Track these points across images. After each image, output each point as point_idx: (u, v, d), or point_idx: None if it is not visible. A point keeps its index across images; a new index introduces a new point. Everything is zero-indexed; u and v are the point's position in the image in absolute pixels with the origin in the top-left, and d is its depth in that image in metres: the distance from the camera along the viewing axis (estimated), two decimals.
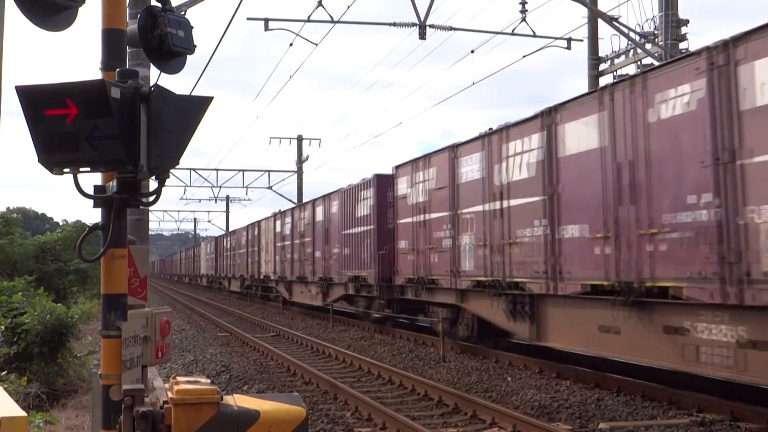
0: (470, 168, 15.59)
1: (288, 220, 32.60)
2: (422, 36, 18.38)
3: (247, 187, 48.81)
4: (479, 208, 15.09)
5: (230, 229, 57.34)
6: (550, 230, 12.51)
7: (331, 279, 25.64)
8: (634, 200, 10.54)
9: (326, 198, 26.86)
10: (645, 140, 10.34)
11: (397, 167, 19.68)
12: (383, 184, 20.93)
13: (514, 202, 13.76)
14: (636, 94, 10.54)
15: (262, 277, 37.75)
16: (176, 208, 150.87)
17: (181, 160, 4.05)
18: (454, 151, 16.39)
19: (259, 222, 39.29)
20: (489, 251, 14.49)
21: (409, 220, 18.75)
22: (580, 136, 11.84)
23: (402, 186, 19.30)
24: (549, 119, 12.64)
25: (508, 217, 13.92)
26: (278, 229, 34.19)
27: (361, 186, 22.68)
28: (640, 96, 10.46)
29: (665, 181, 9.96)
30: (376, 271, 20.72)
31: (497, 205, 14.33)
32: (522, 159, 13.49)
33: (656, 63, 16.63)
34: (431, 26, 18.63)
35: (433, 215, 17.30)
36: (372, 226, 21.38)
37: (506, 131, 14.17)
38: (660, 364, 10.80)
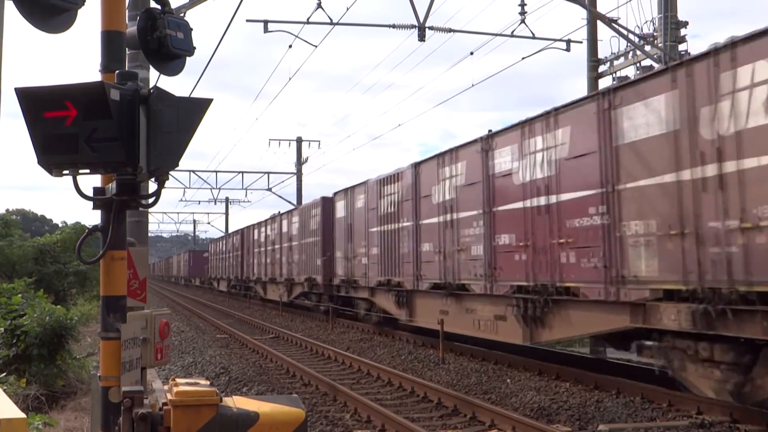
0: None
1: (391, 189, 19.50)
2: (422, 38, 18.35)
3: (246, 188, 48.83)
4: None
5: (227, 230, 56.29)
6: None
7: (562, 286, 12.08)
8: None
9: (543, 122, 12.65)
10: None
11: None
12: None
13: None
14: None
15: (336, 282, 25.22)
16: (176, 209, 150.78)
17: (180, 162, 4.05)
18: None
19: (332, 197, 25.57)
20: None
21: None
22: None
23: None
24: None
25: None
26: (372, 205, 21.00)
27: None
28: None
29: None
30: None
31: None
32: None
33: (656, 65, 16.63)
34: (431, 28, 18.60)
35: None
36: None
37: None
38: None
